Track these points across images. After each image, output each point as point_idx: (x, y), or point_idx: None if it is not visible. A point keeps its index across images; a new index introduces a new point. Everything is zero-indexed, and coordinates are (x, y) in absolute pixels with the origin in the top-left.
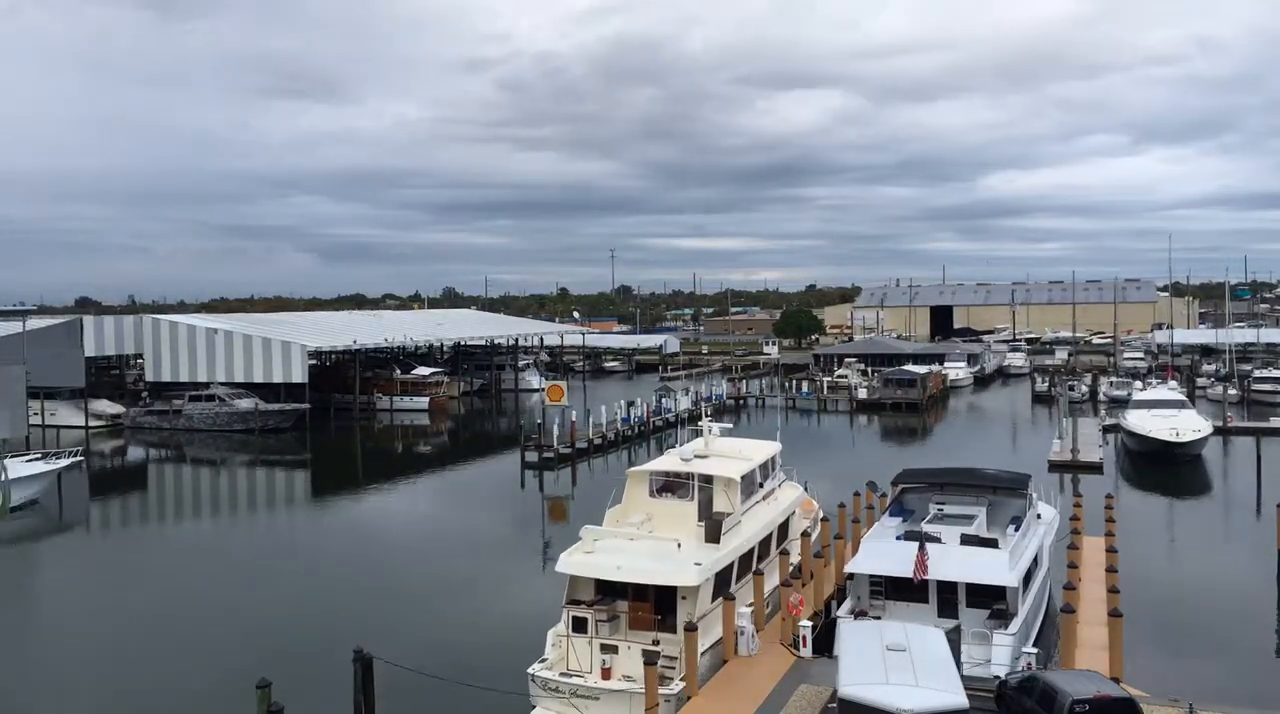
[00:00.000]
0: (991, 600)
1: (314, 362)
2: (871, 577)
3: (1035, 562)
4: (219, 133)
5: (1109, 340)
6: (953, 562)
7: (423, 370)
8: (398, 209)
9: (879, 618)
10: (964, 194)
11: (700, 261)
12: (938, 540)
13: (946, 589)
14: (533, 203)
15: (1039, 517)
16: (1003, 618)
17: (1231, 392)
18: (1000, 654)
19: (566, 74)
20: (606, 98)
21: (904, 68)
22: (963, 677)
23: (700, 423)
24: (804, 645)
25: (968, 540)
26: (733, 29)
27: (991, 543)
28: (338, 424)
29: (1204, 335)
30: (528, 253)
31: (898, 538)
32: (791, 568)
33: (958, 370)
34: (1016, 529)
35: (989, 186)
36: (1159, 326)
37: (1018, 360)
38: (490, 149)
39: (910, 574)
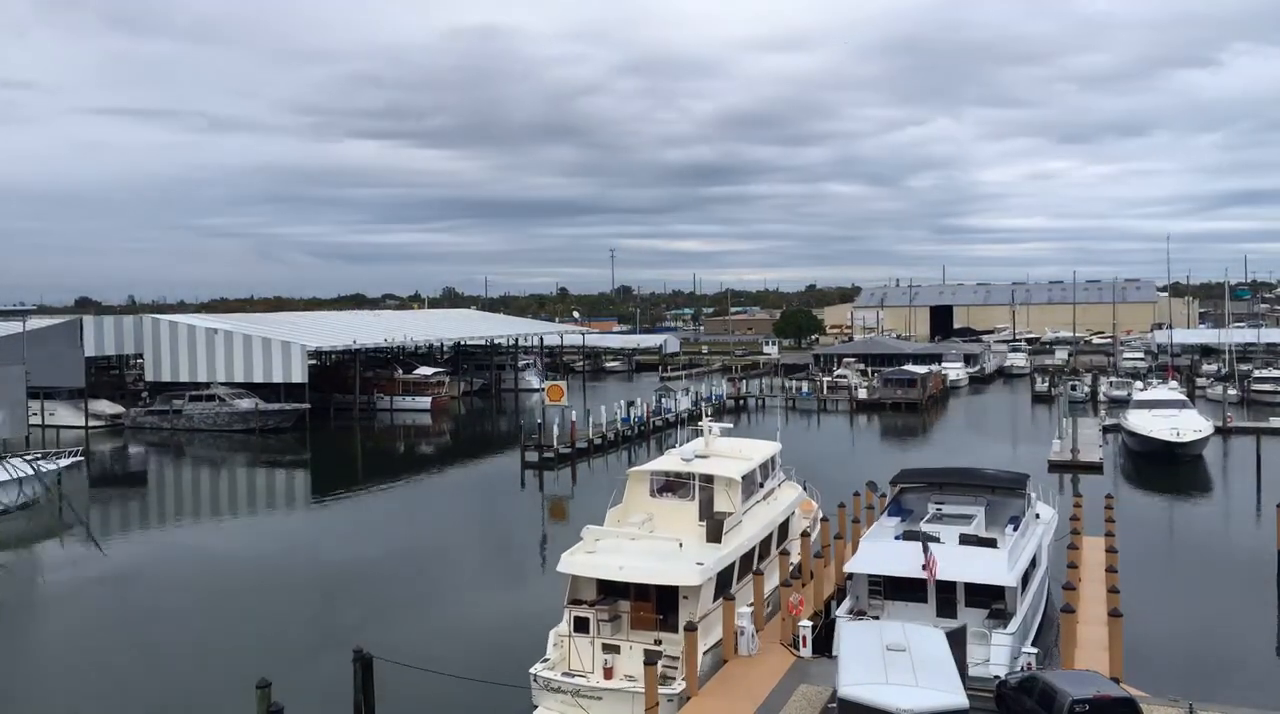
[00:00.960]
0: (990, 600)
1: (314, 362)
2: (871, 576)
3: (1034, 561)
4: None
5: (1109, 340)
6: (951, 561)
7: (425, 370)
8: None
9: (878, 618)
10: (917, 195)
11: (672, 263)
12: (936, 540)
13: (945, 589)
14: (470, 203)
15: (1037, 516)
16: (1001, 617)
17: (1231, 392)
18: (999, 654)
19: (427, 67)
20: (480, 92)
21: (781, 64)
22: (964, 677)
23: (700, 423)
24: (804, 645)
25: (966, 540)
26: (587, 16)
27: (990, 543)
28: (338, 424)
29: (1204, 335)
30: (525, 253)
31: (896, 538)
32: (791, 568)
33: (957, 370)
34: (1015, 529)
35: (938, 186)
36: (1159, 327)
37: (1018, 360)
38: (390, 147)
39: (918, 574)
